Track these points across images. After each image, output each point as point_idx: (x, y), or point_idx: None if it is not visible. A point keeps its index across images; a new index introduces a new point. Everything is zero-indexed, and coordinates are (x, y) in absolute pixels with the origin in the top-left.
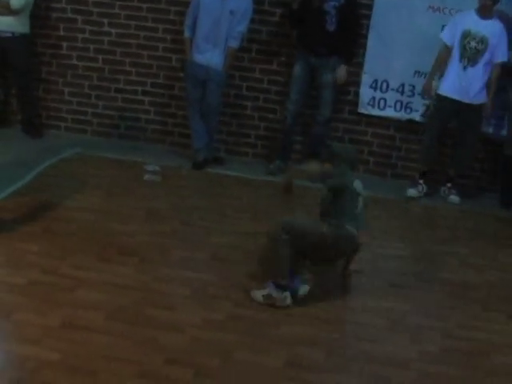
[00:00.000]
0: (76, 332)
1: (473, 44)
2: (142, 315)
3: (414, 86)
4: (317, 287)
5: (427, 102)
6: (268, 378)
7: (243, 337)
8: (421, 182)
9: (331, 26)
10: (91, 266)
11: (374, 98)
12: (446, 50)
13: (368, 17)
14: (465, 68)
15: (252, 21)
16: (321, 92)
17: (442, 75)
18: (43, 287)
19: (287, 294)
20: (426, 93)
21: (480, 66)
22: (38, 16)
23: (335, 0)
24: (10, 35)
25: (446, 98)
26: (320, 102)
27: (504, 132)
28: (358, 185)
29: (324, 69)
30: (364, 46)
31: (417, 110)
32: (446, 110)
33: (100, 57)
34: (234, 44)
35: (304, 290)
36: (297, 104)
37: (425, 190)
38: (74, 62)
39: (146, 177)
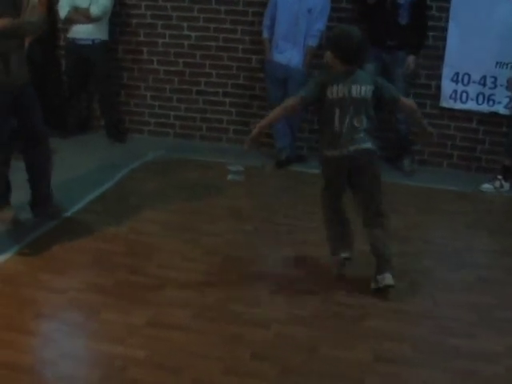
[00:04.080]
0: (162, 330)
1: None
2: (227, 312)
3: (495, 78)
4: (400, 281)
5: (510, 94)
6: (354, 373)
7: (328, 332)
8: (500, 177)
9: (403, 20)
10: (177, 265)
11: (455, 91)
12: None
13: (447, 9)
14: None
15: (329, 18)
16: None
17: None
18: (130, 287)
19: None
20: (511, 85)
21: None
22: (118, 23)
23: None
24: (90, 43)
25: None
26: None
27: None
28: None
29: (395, 62)
30: (444, 39)
31: (500, 102)
32: None
33: (180, 60)
34: (313, 42)
35: None
36: None
37: (505, 188)
38: (155, 66)
39: (230, 177)
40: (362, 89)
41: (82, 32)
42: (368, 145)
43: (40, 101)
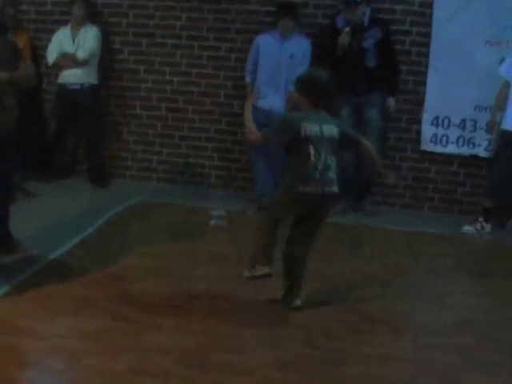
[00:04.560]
0: (143, 377)
1: None
2: (209, 359)
3: (475, 121)
4: (382, 325)
5: (490, 137)
6: None
7: (311, 377)
8: (481, 219)
9: (371, 63)
10: (159, 310)
11: (436, 135)
12: (506, 85)
13: (426, 54)
14: None
15: (311, 64)
16: (367, 128)
17: (504, 110)
18: (112, 333)
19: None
20: (490, 129)
21: None
22: (102, 67)
23: (372, 37)
24: (79, 87)
25: (508, 133)
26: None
27: None
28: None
29: (368, 105)
30: (424, 84)
31: (480, 145)
32: (509, 144)
33: (163, 105)
34: None
35: None
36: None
37: (486, 229)
38: (138, 111)
39: (212, 222)
40: (331, 129)
41: (71, 77)
42: (336, 189)
43: (24, 145)
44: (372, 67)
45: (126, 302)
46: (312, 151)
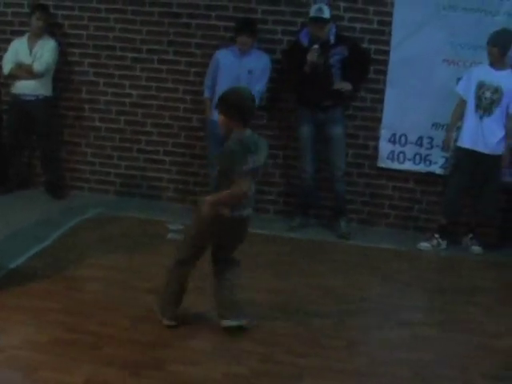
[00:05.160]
0: None
1: (487, 94)
2: (165, 371)
3: (432, 139)
4: (338, 339)
5: (446, 154)
6: None
7: None
8: (437, 236)
9: (337, 78)
10: (114, 323)
11: (393, 152)
12: (462, 103)
13: (384, 72)
14: (481, 118)
15: (270, 80)
16: (332, 145)
17: (460, 127)
18: (67, 345)
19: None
20: (446, 146)
21: (496, 116)
22: (61, 79)
23: (338, 54)
24: (33, 98)
25: (465, 150)
26: (334, 156)
27: None
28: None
29: (331, 122)
30: (381, 101)
31: (436, 163)
32: (466, 161)
33: (122, 118)
34: None
35: None
36: (313, 164)
37: (442, 246)
38: (97, 123)
39: (169, 235)
40: (264, 154)
41: (25, 88)
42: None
43: None
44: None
45: (81, 313)
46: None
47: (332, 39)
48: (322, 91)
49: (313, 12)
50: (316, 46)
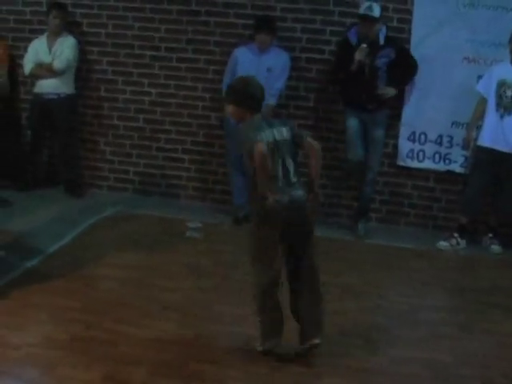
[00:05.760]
0: None
1: (509, 93)
2: (183, 370)
3: (451, 137)
4: (357, 337)
5: (466, 153)
6: None
7: None
8: (456, 235)
9: (382, 82)
10: (134, 321)
11: (412, 150)
12: (483, 101)
13: (417, 67)
14: (502, 117)
15: (289, 78)
16: (370, 147)
17: (480, 126)
18: (86, 343)
19: None
20: (466, 145)
21: None
22: (80, 77)
23: (386, 56)
24: (55, 97)
25: (485, 149)
26: (371, 158)
27: None
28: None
29: (373, 124)
30: (401, 99)
31: (456, 161)
32: (486, 160)
33: (141, 116)
34: (272, 101)
35: None
36: (363, 150)
37: (461, 245)
38: (115, 122)
39: (188, 233)
40: (282, 131)
41: (47, 86)
42: (302, 192)
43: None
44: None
45: (99, 311)
46: (270, 159)
47: (381, 40)
48: (366, 93)
49: (362, 10)
50: (364, 45)
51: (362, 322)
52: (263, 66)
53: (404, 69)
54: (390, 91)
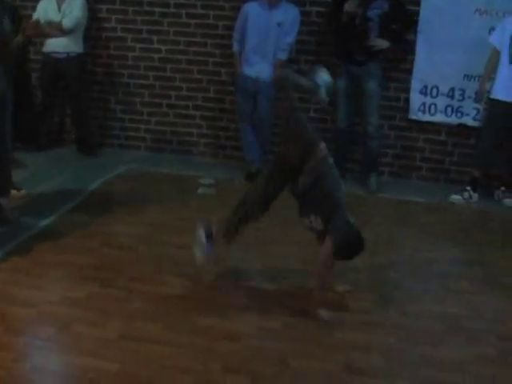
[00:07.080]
0: (134, 343)
1: None
2: (198, 325)
3: (463, 90)
4: (370, 292)
5: (479, 105)
6: None
7: (298, 344)
8: (468, 188)
9: (373, 33)
10: (148, 278)
11: (424, 104)
12: (496, 54)
13: (415, 23)
14: None
15: (299, 32)
16: (365, 100)
17: (493, 79)
18: (101, 300)
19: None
20: (479, 97)
21: None
22: (89, 36)
23: (378, 7)
24: (65, 56)
25: (497, 102)
26: (367, 112)
27: None
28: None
29: (366, 77)
30: (412, 52)
31: (468, 114)
32: (499, 113)
33: (151, 74)
34: (283, 56)
35: None
36: (347, 117)
37: (474, 199)
38: (125, 79)
39: (200, 190)
40: None
41: (57, 45)
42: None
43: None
44: (374, 38)
45: (115, 269)
46: None
47: None
48: (356, 44)
49: None
50: None
51: (375, 276)
52: (273, 20)
53: (399, 23)
54: (382, 43)
